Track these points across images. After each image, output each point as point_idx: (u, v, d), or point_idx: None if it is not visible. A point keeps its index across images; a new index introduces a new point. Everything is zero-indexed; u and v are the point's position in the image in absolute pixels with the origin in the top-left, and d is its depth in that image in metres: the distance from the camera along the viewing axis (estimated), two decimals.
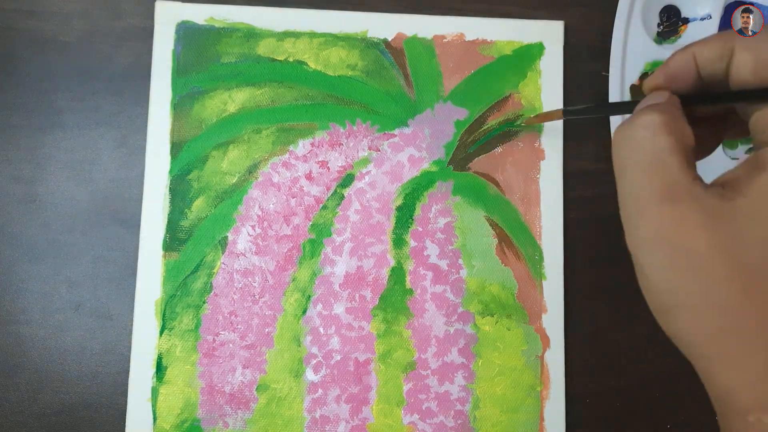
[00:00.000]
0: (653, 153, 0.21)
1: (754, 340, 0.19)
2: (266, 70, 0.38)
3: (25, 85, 0.38)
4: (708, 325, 0.19)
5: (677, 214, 0.20)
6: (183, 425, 0.35)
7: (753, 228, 0.19)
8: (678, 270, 0.20)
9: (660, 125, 0.21)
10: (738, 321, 0.19)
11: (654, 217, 0.20)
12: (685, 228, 0.20)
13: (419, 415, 0.36)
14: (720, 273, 0.19)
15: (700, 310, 0.20)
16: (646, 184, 0.21)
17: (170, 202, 0.37)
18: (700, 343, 0.20)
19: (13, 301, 0.36)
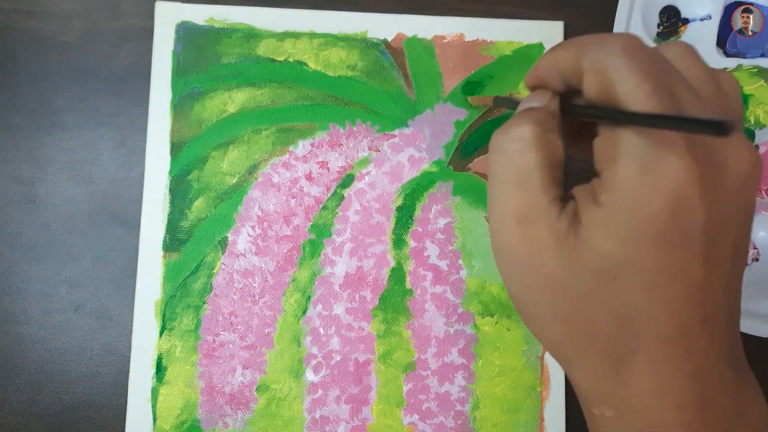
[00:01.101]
0: (519, 169, 0.21)
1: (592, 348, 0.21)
2: (266, 70, 0.38)
3: (25, 85, 0.38)
4: (556, 333, 0.22)
5: (530, 235, 0.21)
6: (183, 426, 0.35)
7: (588, 257, 0.20)
8: (528, 285, 0.22)
9: (531, 140, 0.21)
10: (578, 332, 0.21)
11: (510, 235, 0.22)
12: (536, 250, 0.21)
13: (419, 415, 0.36)
14: (564, 291, 0.21)
15: (549, 320, 0.22)
16: (508, 201, 0.22)
17: (170, 203, 0.37)
18: (552, 346, 0.23)
19: (14, 301, 0.36)
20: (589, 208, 0.21)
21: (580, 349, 0.22)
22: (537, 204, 0.21)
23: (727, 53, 0.40)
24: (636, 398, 0.21)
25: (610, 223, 0.20)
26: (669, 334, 0.20)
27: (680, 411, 0.21)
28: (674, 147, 0.19)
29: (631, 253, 0.20)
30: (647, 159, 0.19)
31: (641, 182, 0.19)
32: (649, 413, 0.21)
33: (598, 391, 0.22)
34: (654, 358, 0.21)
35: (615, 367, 0.21)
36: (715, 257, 0.21)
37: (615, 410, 0.21)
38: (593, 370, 0.22)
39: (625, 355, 0.21)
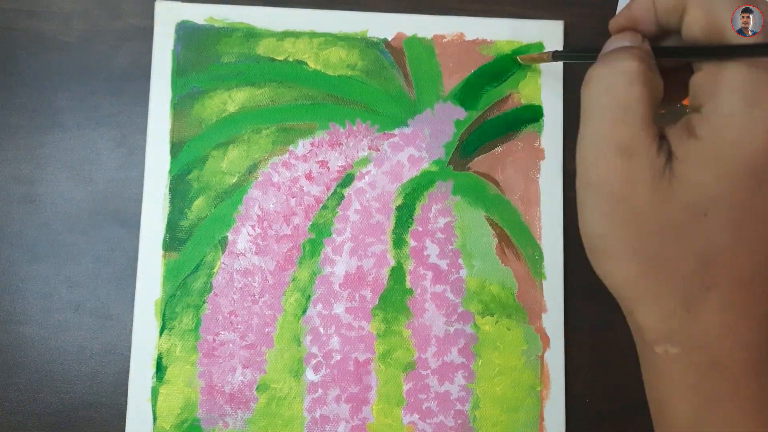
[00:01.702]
0: (625, 101, 0.21)
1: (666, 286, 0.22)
2: (266, 69, 0.38)
3: (25, 85, 0.38)
4: (631, 270, 0.22)
5: (629, 168, 0.21)
6: (183, 425, 0.35)
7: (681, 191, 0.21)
8: (615, 219, 0.22)
9: (637, 73, 0.21)
10: (655, 269, 0.22)
11: (608, 166, 0.21)
12: (633, 184, 0.21)
13: (419, 414, 0.36)
14: (650, 227, 0.21)
15: (627, 257, 0.22)
16: (609, 133, 0.22)
17: (170, 202, 0.37)
18: (623, 285, 0.23)
19: (13, 301, 0.36)
20: (686, 142, 0.21)
21: (654, 287, 0.22)
22: (639, 138, 0.21)
23: None
24: (704, 336, 0.21)
25: (707, 155, 0.20)
26: (745, 276, 0.21)
27: (746, 350, 0.21)
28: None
29: (725, 187, 0.20)
30: (755, 92, 0.20)
31: (746, 115, 0.20)
32: (715, 351, 0.21)
33: (665, 328, 0.22)
34: (727, 299, 0.21)
35: (686, 305, 0.21)
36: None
37: (681, 347, 0.22)
38: (663, 308, 0.22)
39: (700, 294, 0.21)
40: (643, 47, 0.23)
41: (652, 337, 0.23)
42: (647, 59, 0.22)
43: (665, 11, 0.23)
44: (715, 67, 0.21)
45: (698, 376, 0.22)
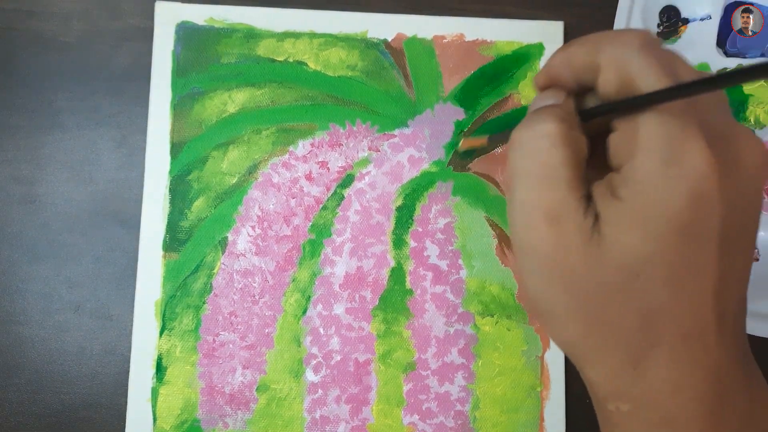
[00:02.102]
0: (548, 166, 0.21)
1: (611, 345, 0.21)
2: (266, 70, 0.38)
3: (24, 86, 0.38)
4: (575, 330, 0.22)
5: (557, 233, 0.21)
6: (183, 425, 0.35)
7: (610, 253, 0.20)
8: (552, 283, 0.22)
9: (558, 136, 0.21)
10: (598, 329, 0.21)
11: (537, 232, 0.21)
12: (563, 248, 0.21)
13: (419, 415, 0.36)
14: (587, 290, 0.21)
15: (568, 318, 0.22)
16: (536, 198, 0.21)
17: (170, 203, 0.37)
18: (568, 344, 0.23)
19: (13, 301, 0.36)
20: (608, 203, 0.21)
21: (599, 346, 0.22)
22: (565, 202, 0.21)
23: (727, 53, 0.40)
24: (653, 392, 0.21)
25: (631, 217, 0.20)
26: (689, 329, 0.21)
27: (698, 404, 0.21)
28: (696, 140, 0.19)
29: (654, 248, 0.20)
30: (670, 151, 0.19)
31: (664, 175, 0.19)
32: (666, 407, 0.21)
33: (614, 386, 0.22)
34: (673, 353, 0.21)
35: (633, 363, 0.21)
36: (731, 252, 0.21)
37: (632, 404, 0.22)
38: (611, 366, 0.22)
39: (645, 350, 0.21)
40: (565, 106, 0.23)
41: (602, 395, 0.22)
42: (569, 119, 0.22)
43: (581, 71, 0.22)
44: (630, 127, 0.20)
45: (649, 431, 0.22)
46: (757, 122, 0.39)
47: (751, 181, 0.21)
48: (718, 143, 0.20)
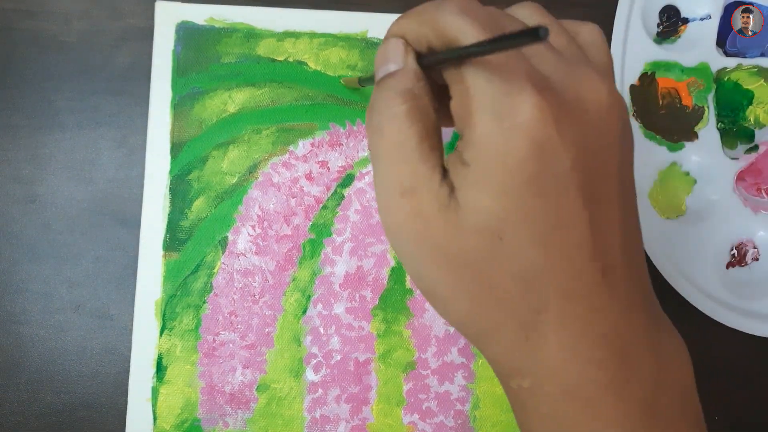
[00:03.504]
0: (397, 144, 0.21)
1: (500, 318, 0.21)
2: (266, 70, 0.38)
3: (25, 85, 0.38)
4: (462, 308, 0.21)
5: (416, 206, 0.21)
6: (183, 425, 0.35)
7: (467, 219, 0.20)
8: (424, 261, 0.21)
9: (405, 114, 0.21)
10: (483, 303, 0.21)
11: (396, 210, 0.21)
12: (423, 221, 0.20)
13: (419, 414, 0.36)
14: (457, 262, 0.20)
15: (452, 296, 0.21)
16: (390, 176, 0.21)
17: (170, 202, 0.37)
18: (461, 324, 0.22)
19: (14, 301, 0.36)
20: (458, 169, 0.20)
21: (487, 321, 0.21)
22: (418, 174, 0.21)
23: (727, 53, 0.40)
24: (549, 363, 0.20)
25: (479, 179, 0.20)
26: (571, 289, 0.20)
27: (596, 369, 0.20)
28: (523, 89, 0.19)
29: (507, 205, 0.19)
30: (499, 107, 0.19)
31: (498, 131, 0.19)
32: (564, 377, 0.20)
33: (511, 362, 0.21)
34: (560, 317, 0.20)
35: (524, 334, 0.20)
36: (599, 198, 0.20)
37: (531, 379, 0.21)
38: (503, 341, 0.21)
39: (532, 318, 0.20)
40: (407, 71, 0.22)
41: (503, 372, 0.22)
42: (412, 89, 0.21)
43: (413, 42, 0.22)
44: (462, 90, 0.20)
45: (554, 406, 0.21)
46: (757, 122, 0.39)
47: (598, 123, 0.20)
48: (554, 89, 0.20)
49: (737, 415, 0.38)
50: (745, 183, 0.39)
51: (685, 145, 0.38)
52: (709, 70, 0.39)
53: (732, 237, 0.38)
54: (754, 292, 0.38)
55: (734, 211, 0.38)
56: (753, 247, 0.38)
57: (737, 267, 0.39)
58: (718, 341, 0.38)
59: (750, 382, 0.38)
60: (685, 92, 0.39)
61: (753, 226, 0.38)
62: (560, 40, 0.22)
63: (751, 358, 0.38)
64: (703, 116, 0.39)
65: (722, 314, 0.37)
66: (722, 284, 0.37)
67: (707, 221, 0.38)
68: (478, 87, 0.20)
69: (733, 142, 0.39)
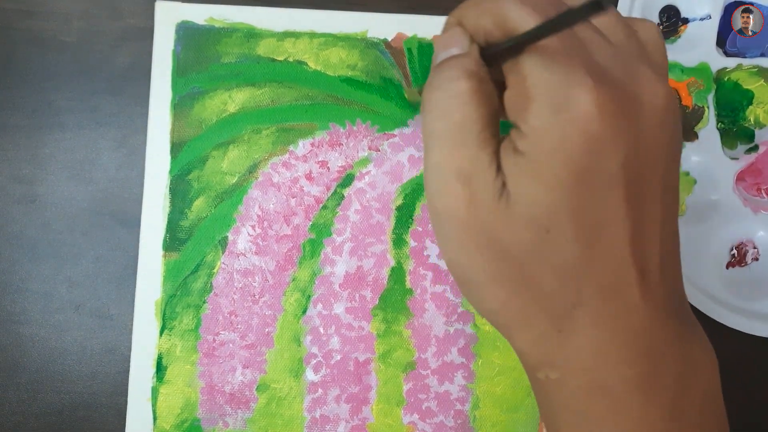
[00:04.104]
0: (460, 124, 0.21)
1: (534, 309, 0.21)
2: (266, 70, 0.38)
3: (25, 85, 0.38)
4: (497, 296, 0.21)
5: (470, 193, 0.20)
6: (183, 425, 0.35)
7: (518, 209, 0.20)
8: (467, 246, 0.21)
9: (469, 93, 0.20)
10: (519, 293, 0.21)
11: (450, 193, 0.21)
12: (475, 208, 0.20)
13: (419, 414, 0.36)
14: (502, 251, 0.20)
15: (488, 283, 0.21)
16: (448, 158, 0.21)
17: (170, 202, 0.37)
18: (493, 312, 0.22)
19: (14, 300, 0.36)
20: (511, 158, 0.20)
21: (521, 311, 0.21)
22: (477, 159, 0.20)
23: (727, 53, 0.40)
24: (580, 357, 0.20)
25: (532, 169, 0.19)
26: (608, 286, 0.20)
27: (626, 368, 0.20)
28: (582, 83, 0.19)
29: (556, 199, 0.19)
30: (557, 99, 0.19)
31: (554, 123, 0.19)
32: (593, 372, 0.20)
33: (541, 353, 0.21)
34: (595, 313, 0.20)
35: (557, 326, 0.20)
36: (643, 198, 0.20)
37: (560, 371, 0.21)
38: (535, 332, 0.21)
39: (567, 312, 0.20)
40: (471, 54, 0.22)
41: (531, 363, 0.22)
42: (477, 70, 0.21)
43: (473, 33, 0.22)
44: (519, 80, 0.20)
45: (580, 400, 0.21)
46: (757, 122, 0.39)
47: (654, 122, 0.20)
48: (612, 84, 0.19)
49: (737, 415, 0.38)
50: (745, 183, 0.39)
51: (685, 145, 0.38)
52: (709, 70, 0.39)
53: (732, 237, 0.38)
54: (754, 292, 0.38)
55: (734, 211, 0.38)
56: (753, 247, 0.38)
57: (737, 267, 0.38)
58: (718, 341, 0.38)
59: (750, 382, 0.38)
60: (685, 92, 0.39)
61: (753, 226, 0.38)
62: (620, 34, 0.21)
63: (751, 358, 0.38)
64: (703, 116, 0.39)
65: (722, 314, 0.37)
66: (722, 284, 0.37)
67: (707, 221, 0.38)
68: (536, 76, 0.19)
69: (733, 142, 0.39)
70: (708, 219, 0.38)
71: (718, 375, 0.22)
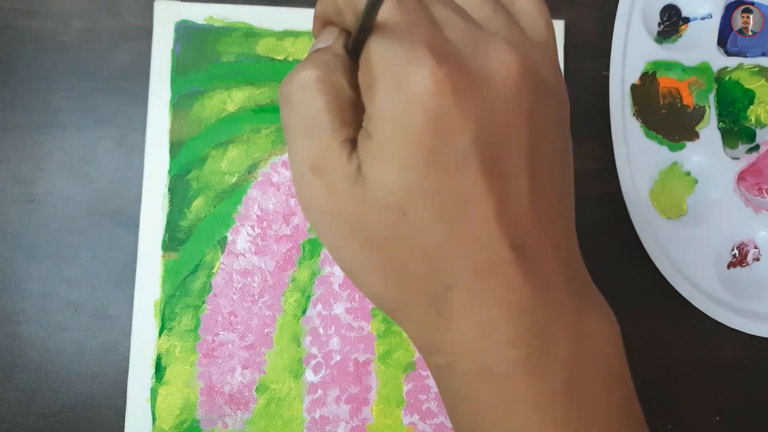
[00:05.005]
0: (307, 116, 0.20)
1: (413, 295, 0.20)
2: (266, 69, 0.38)
3: (23, 85, 0.38)
4: (377, 285, 0.21)
5: (326, 183, 0.20)
6: (182, 425, 0.35)
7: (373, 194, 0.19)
8: (338, 236, 0.21)
9: (313, 83, 0.20)
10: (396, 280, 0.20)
11: (308, 186, 0.20)
12: (333, 197, 0.20)
13: (419, 415, 0.36)
14: (366, 238, 0.20)
15: (367, 273, 0.21)
16: (301, 151, 0.20)
17: (169, 202, 0.37)
18: (378, 301, 0.21)
19: (12, 301, 0.36)
20: (365, 143, 0.20)
21: (400, 297, 0.21)
22: (328, 149, 0.20)
23: (728, 52, 0.40)
24: (462, 340, 0.20)
25: (381, 152, 0.19)
26: (481, 265, 0.19)
27: (511, 348, 0.19)
28: (420, 60, 0.18)
29: (408, 180, 0.19)
30: (396, 76, 0.18)
31: (397, 102, 0.18)
32: (479, 355, 0.20)
33: (427, 338, 0.21)
34: (471, 294, 0.19)
35: (436, 310, 0.20)
36: (507, 173, 0.19)
37: (446, 356, 0.20)
38: (419, 318, 0.21)
39: (442, 295, 0.20)
40: (332, 48, 0.21)
41: (422, 350, 0.21)
42: (327, 62, 0.20)
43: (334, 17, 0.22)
44: (365, 62, 0.19)
45: (469, 385, 0.20)
46: (758, 122, 0.39)
47: (505, 93, 0.19)
48: (457, 59, 0.19)
49: (737, 415, 0.38)
50: (746, 183, 0.39)
51: (686, 144, 0.38)
52: (710, 69, 0.39)
53: (733, 237, 0.38)
54: (754, 293, 0.38)
55: (735, 211, 0.38)
56: (754, 247, 0.38)
57: (738, 267, 0.38)
58: (718, 341, 0.38)
59: (750, 382, 0.38)
60: (686, 92, 0.39)
61: (754, 226, 0.38)
62: (486, 9, 0.21)
63: (751, 358, 0.38)
64: (704, 116, 0.39)
65: (723, 314, 0.37)
66: (723, 284, 0.37)
67: (708, 221, 0.38)
68: (378, 55, 0.19)
69: (734, 142, 0.39)
70: (709, 219, 0.38)
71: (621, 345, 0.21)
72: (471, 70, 0.19)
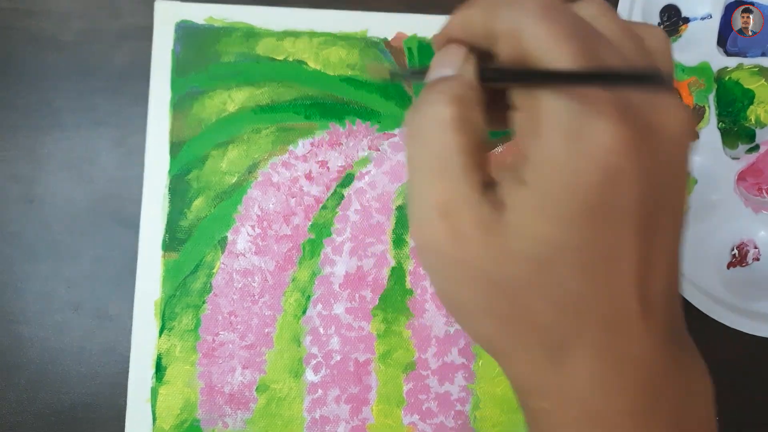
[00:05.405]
0: (439, 155, 0.19)
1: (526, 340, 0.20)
2: (266, 69, 0.38)
3: (23, 85, 0.38)
4: (487, 328, 0.20)
5: (453, 227, 0.19)
6: (182, 425, 0.35)
7: (517, 243, 0.19)
8: (456, 280, 0.20)
9: (450, 121, 0.19)
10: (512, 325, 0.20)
11: (432, 229, 0.20)
12: (461, 242, 0.19)
13: (419, 415, 0.36)
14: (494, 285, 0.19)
15: (479, 316, 0.20)
16: (428, 191, 0.20)
17: (170, 202, 0.37)
18: (484, 342, 0.21)
19: (13, 301, 0.36)
20: (514, 189, 0.19)
21: (514, 341, 0.20)
22: (459, 192, 0.19)
23: (727, 52, 0.40)
24: (574, 387, 0.20)
25: (539, 203, 0.18)
26: (610, 319, 0.19)
27: (624, 399, 0.19)
28: (603, 113, 0.17)
29: (563, 234, 0.18)
30: (574, 127, 0.18)
31: (569, 153, 0.18)
32: (589, 403, 0.20)
33: (533, 382, 0.20)
34: (594, 345, 0.19)
35: (551, 358, 0.20)
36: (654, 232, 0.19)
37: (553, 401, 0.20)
38: (528, 362, 0.20)
39: (563, 344, 0.19)
40: (461, 77, 0.20)
41: (524, 392, 0.21)
42: (465, 95, 0.20)
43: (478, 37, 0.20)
44: (533, 106, 0.18)
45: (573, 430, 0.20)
46: (758, 122, 0.39)
47: (673, 151, 0.19)
48: (633, 112, 0.18)
49: (737, 415, 0.38)
50: (746, 183, 0.39)
51: None
52: (710, 69, 0.39)
53: (733, 237, 0.38)
54: (754, 293, 0.38)
55: (735, 211, 0.38)
56: (754, 247, 0.38)
57: (738, 267, 0.38)
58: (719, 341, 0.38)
59: (750, 382, 0.38)
60: (686, 92, 0.39)
61: (754, 226, 0.38)
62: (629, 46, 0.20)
63: (751, 358, 0.38)
64: (703, 116, 0.39)
65: (723, 314, 0.37)
66: (723, 284, 0.37)
67: (708, 221, 0.38)
68: (552, 101, 0.18)
69: (734, 142, 0.39)
70: (709, 219, 0.38)
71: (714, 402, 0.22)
72: (646, 125, 0.18)
